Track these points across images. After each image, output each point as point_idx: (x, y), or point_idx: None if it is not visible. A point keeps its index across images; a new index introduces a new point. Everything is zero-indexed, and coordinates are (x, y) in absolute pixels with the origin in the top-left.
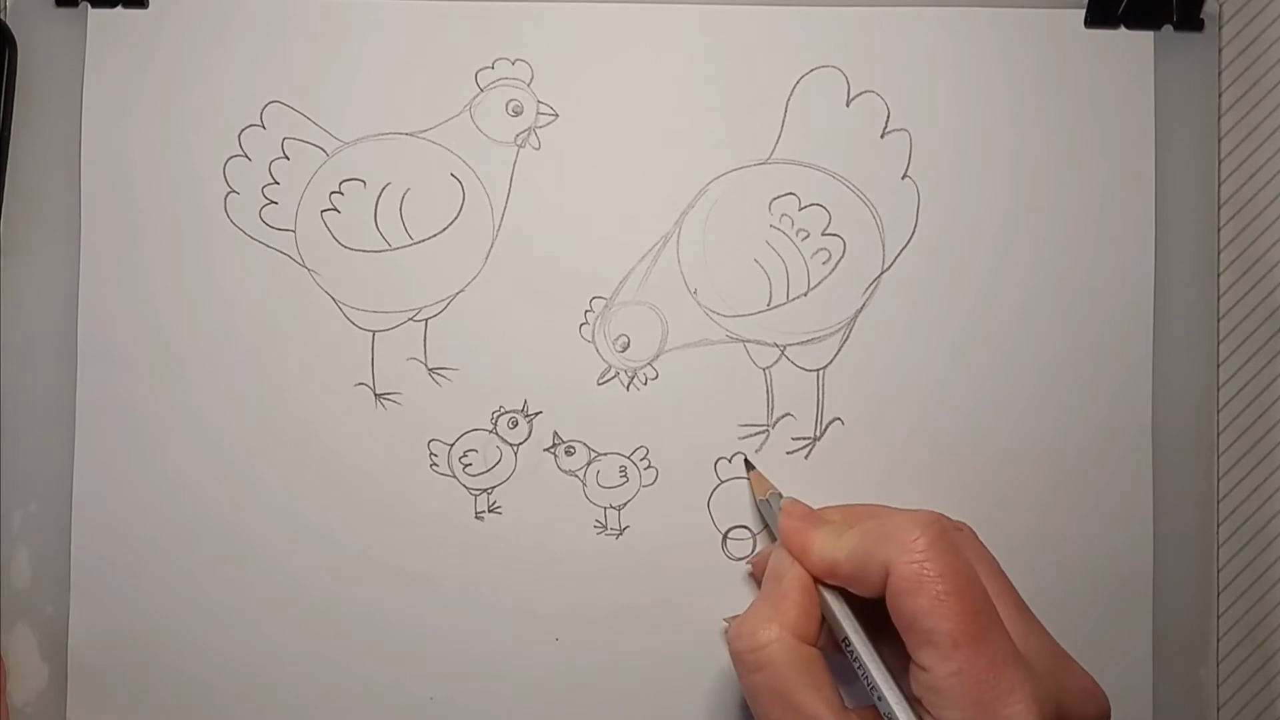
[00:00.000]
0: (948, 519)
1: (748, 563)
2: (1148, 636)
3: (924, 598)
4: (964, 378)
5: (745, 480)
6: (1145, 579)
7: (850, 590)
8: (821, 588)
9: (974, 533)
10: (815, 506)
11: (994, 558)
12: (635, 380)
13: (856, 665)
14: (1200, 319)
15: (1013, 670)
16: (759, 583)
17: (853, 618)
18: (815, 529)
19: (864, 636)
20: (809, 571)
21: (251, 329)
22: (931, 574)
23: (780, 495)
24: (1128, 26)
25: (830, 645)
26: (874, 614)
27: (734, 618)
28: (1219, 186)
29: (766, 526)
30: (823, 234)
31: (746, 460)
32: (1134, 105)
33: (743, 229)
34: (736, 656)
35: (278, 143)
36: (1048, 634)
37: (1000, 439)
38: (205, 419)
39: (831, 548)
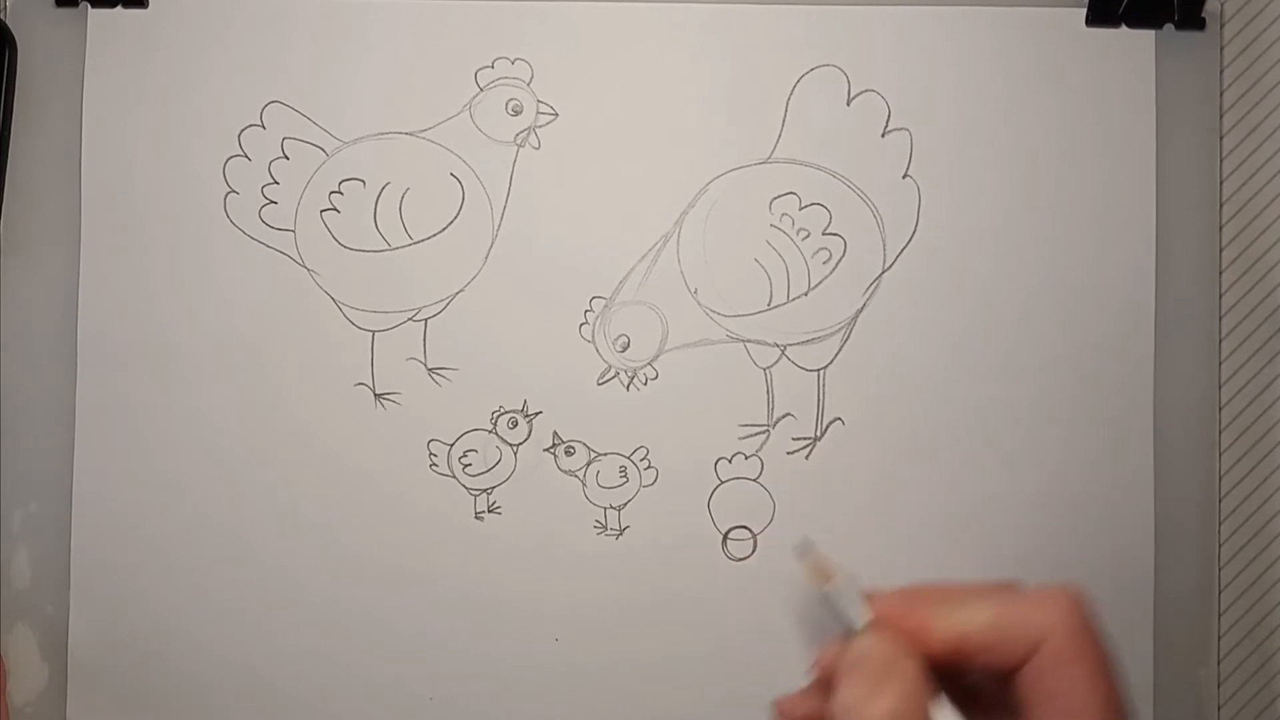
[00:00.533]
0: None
1: (812, 668)
2: (1148, 636)
3: (1079, 671)
4: (964, 378)
5: (745, 480)
6: (1146, 579)
7: (977, 667)
8: (935, 705)
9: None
10: (812, 513)
11: None
12: (635, 380)
13: None
14: (1201, 318)
15: None
16: (823, 685)
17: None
18: (927, 604)
19: None
20: (930, 649)
21: (251, 329)
22: (1088, 648)
23: (850, 579)
24: (1129, 25)
25: None
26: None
27: (784, 698)
28: (1220, 185)
29: (835, 620)
30: (823, 233)
31: (801, 549)
32: (1135, 104)
33: (743, 228)
34: None
35: (278, 143)
36: None
37: (1001, 439)
38: (205, 419)
39: (960, 618)
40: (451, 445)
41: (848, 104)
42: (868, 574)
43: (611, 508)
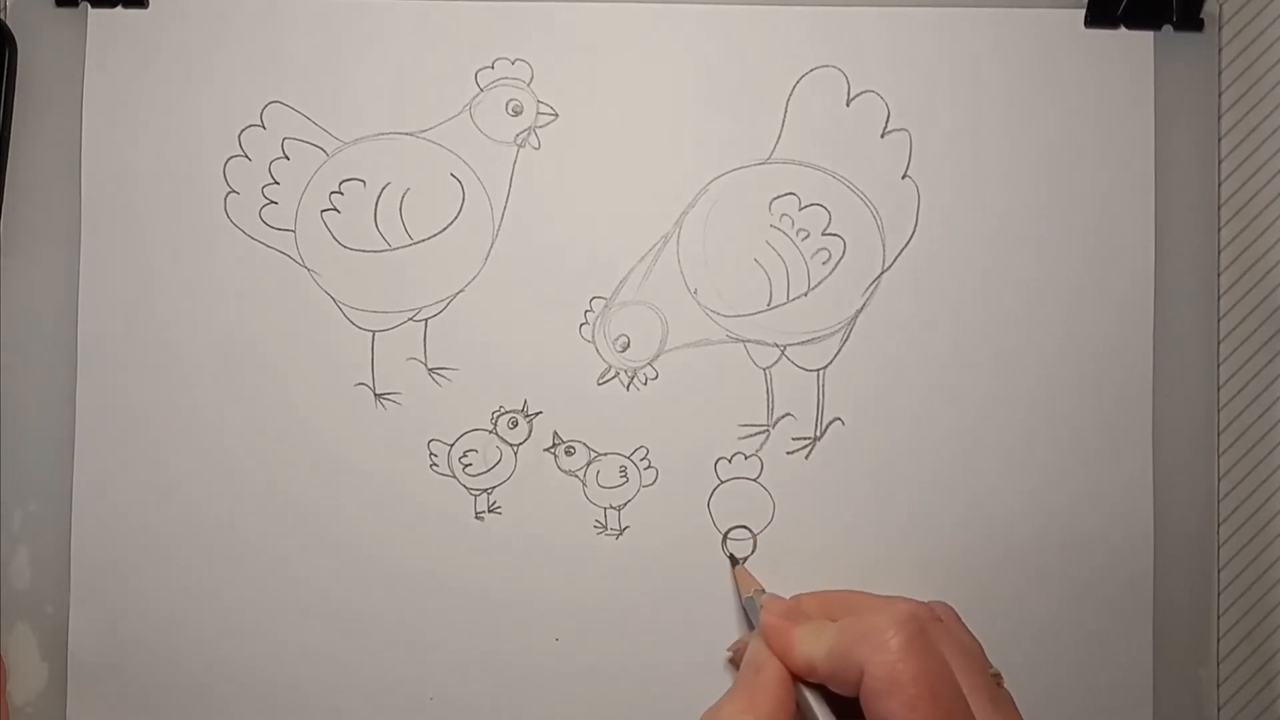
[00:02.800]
0: (925, 611)
1: (728, 650)
2: (1148, 636)
3: (896, 700)
4: (964, 378)
5: (745, 480)
6: (1145, 579)
7: (831, 689)
8: (801, 685)
9: (955, 614)
10: (812, 513)
11: (975, 642)
12: (635, 380)
13: None
14: (1200, 318)
15: None
16: (737, 667)
17: (830, 715)
18: (797, 627)
19: None
20: (790, 670)
21: (252, 329)
22: (904, 677)
23: (763, 592)
24: (1127, 26)
25: None
26: (853, 711)
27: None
28: (1219, 186)
29: (748, 620)
30: (823, 234)
31: (732, 556)
32: (1134, 105)
33: (743, 229)
34: None
35: (278, 143)
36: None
37: (1000, 439)
38: (205, 419)
39: (811, 646)
40: (452, 445)
41: (847, 104)
42: (868, 573)
43: (611, 508)
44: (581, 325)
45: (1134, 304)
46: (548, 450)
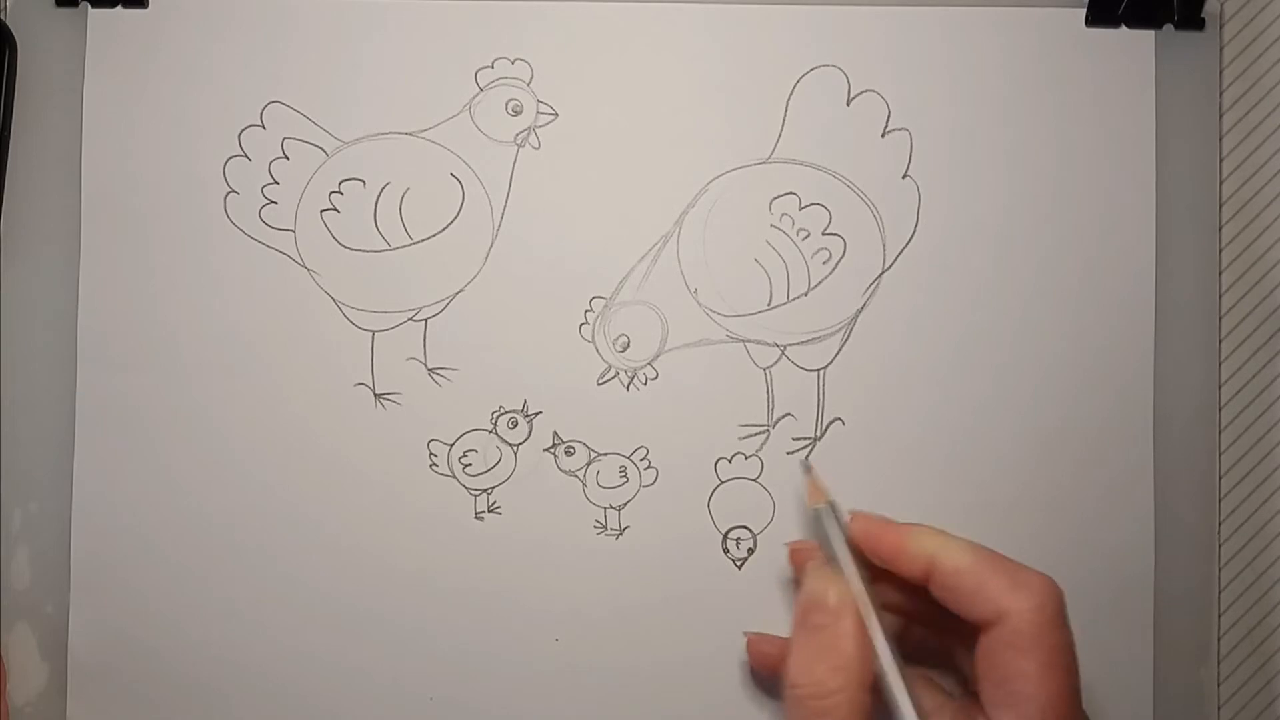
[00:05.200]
0: None
1: (787, 545)
2: (1148, 636)
3: (1034, 661)
4: (964, 378)
5: (745, 480)
6: (1145, 579)
7: (939, 607)
8: (875, 635)
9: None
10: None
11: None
12: (635, 380)
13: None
14: (1201, 318)
15: None
16: (796, 572)
17: (899, 667)
18: (908, 529)
19: (904, 684)
20: (899, 566)
21: (251, 329)
22: (1050, 641)
23: (837, 505)
24: (1128, 26)
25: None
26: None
27: (756, 634)
28: (1220, 185)
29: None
30: (823, 233)
31: (806, 464)
32: (1135, 104)
33: (743, 228)
34: (799, 699)
35: (278, 143)
36: None
37: (1001, 439)
38: (205, 419)
39: (938, 547)
40: (451, 445)
41: (847, 104)
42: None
43: (611, 508)
44: (581, 325)
45: (1135, 303)
46: (548, 450)
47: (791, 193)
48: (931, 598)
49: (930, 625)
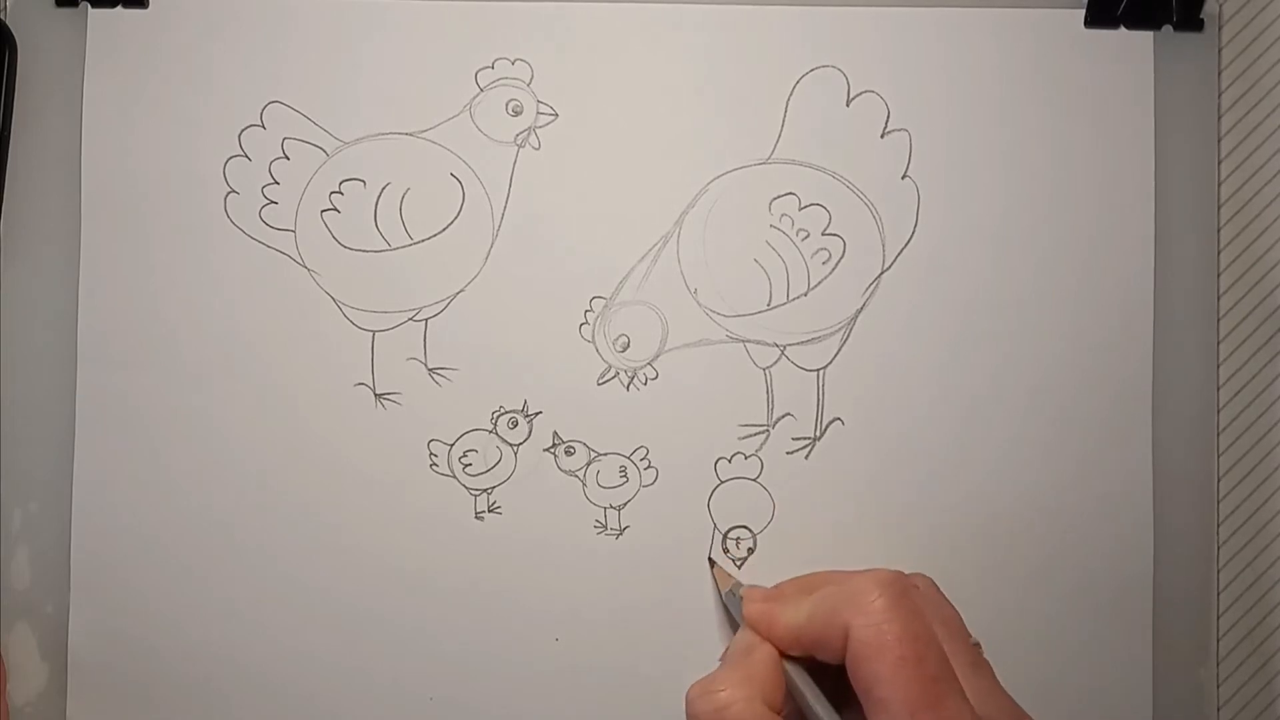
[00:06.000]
0: (905, 577)
1: (719, 660)
2: (1148, 636)
3: (882, 663)
4: (964, 378)
5: (745, 479)
6: (1145, 579)
7: (817, 658)
8: (786, 662)
9: (934, 584)
10: (812, 513)
11: (955, 610)
12: (635, 380)
13: None
14: (1200, 319)
15: None
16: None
17: (818, 692)
18: (779, 605)
19: (830, 710)
20: (776, 645)
21: (251, 329)
22: (889, 637)
23: (741, 585)
24: (1127, 26)
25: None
26: (840, 689)
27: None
28: (1219, 186)
29: (730, 618)
30: (823, 234)
31: (710, 559)
32: (1134, 105)
33: (743, 229)
34: (697, 715)
35: (278, 143)
36: (1005, 693)
37: (1000, 439)
38: (205, 419)
39: (793, 616)
40: (451, 445)
41: (847, 105)
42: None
43: (611, 508)
44: (581, 325)
45: (1134, 304)
46: (548, 450)
47: (791, 193)
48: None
49: None
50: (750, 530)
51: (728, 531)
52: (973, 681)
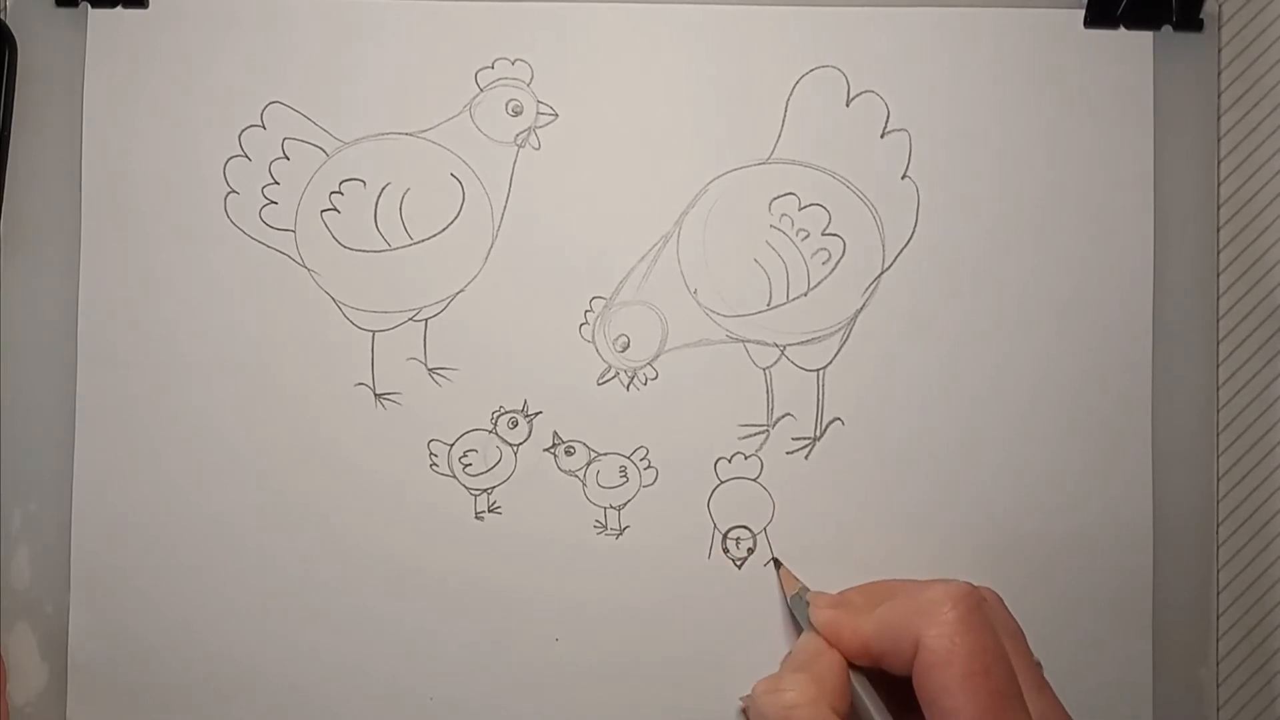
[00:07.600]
0: (977, 590)
1: (780, 662)
2: (1148, 636)
3: (950, 674)
4: (964, 378)
5: (744, 479)
6: (1145, 579)
7: (884, 667)
8: (853, 673)
9: (1000, 599)
10: (812, 513)
11: (1019, 627)
12: (635, 380)
13: None
14: (1200, 319)
15: None
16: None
17: (881, 705)
18: (848, 614)
19: None
20: (843, 653)
21: (251, 329)
22: (960, 650)
23: (807, 589)
24: (1127, 26)
25: None
26: (894, 702)
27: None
28: (1218, 186)
29: (795, 621)
30: (823, 234)
31: (775, 559)
32: (1133, 105)
33: (743, 229)
34: (763, 712)
35: (278, 143)
36: (1063, 708)
37: (1000, 439)
38: (205, 419)
39: (860, 626)
40: (451, 445)
41: (847, 105)
42: (868, 573)
43: (611, 508)
44: (581, 325)
45: (1133, 304)
46: (548, 450)
47: (791, 193)
48: None
49: None
50: (750, 530)
51: (727, 531)
52: (1036, 701)
